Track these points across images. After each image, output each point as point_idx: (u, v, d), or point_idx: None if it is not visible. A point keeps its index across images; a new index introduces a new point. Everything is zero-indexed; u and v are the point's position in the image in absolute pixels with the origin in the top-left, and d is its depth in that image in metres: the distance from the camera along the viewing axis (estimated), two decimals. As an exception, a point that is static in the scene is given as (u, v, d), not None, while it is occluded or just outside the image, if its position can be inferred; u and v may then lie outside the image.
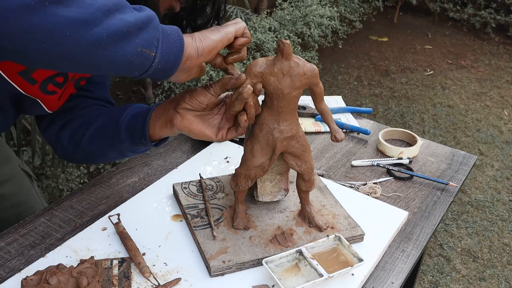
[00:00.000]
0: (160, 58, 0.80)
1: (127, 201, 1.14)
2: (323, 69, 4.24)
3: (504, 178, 3.06)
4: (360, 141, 1.48)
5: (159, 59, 0.80)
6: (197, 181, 1.19)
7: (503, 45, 4.99)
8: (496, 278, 2.36)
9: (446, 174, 1.36)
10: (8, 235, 1.05)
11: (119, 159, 1.16)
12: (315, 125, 1.52)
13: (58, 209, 1.13)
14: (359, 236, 1.07)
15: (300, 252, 0.99)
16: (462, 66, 4.54)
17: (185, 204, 1.11)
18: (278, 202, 1.13)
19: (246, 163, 1.00)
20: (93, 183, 1.22)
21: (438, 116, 3.70)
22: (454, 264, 2.42)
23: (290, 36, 3.62)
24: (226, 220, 1.07)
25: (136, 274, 0.95)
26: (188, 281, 0.95)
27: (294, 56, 0.93)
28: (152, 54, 0.79)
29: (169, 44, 0.81)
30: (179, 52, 0.82)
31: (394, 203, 1.22)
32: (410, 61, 4.57)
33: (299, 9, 3.96)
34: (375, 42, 4.90)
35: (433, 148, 1.47)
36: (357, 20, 4.57)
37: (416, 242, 1.11)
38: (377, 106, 3.80)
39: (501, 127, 3.60)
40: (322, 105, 0.99)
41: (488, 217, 2.74)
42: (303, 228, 1.07)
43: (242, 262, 0.98)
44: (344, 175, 1.32)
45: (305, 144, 1.00)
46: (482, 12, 5.08)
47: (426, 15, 5.54)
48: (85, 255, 0.98)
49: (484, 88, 4.17)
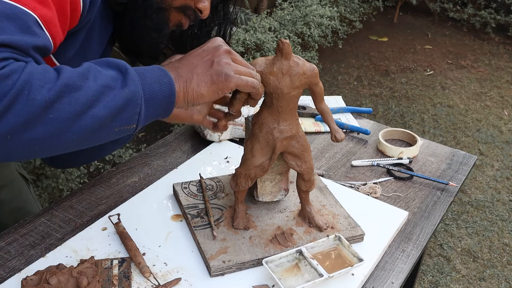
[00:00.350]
0: (145, 121, 0.81)
1: (127, 201, 1.14)
2: (323, 69, 4.24)
3: (504, 178, 3.06)
4: (360, 141, 1.48)
5: (143, 123, 0.80)
6: (197, 181, 1.19)
7: (503, 45, 4.99)
8: (496, 278, 2.36)
9: (446, 174, 1.36)
10: (8, 235, 1.05)
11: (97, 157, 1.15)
12: (315, 125, 1.52)
13: (58, 209, 1.13)
14: (359, 236, 1.07)
15: (300, 252, 0.99)
16: (462, 66, 4.54)
17: (185, 204, 1.11)
18: (278, 202, 1.13)
19: (246, 163, 1.00)
20: (93, 183, 1.22)
21: (438, 116, 3.70)
22: (454, 264, 2.42)
23: (290, 36, 3.62)
24: (226, 220, 1.07)
25: (136, 274, 0.95)
26: (188, 281, 0.95)
27: (294, 55, 0.93)
28: (132, 126, 0.79)
29: (154, 108, 0.80)
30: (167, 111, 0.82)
31: (394, 203, 1.22)
32: (410, 61, 4.57)
33: (299, 9, 3.96)
34: (375, 42, 4.90)
35: (433, 148, 1.47)
36: (357, 20, 4.57)
37: (416, 242, 1.11)
38: (377, 106, 3.80)
39: (501, 127, 3.60)
40: (322, 105, 0.99)
41: (488, 217, 2.74)
42: (303, 228, 1.07)
43: (242, 262, 0.98)
44: (344, 175, 1.32)
45: (305, 144, 1.00)
46: (482, 12, 5.08)
47: (426, 15, 5.54)
48: (85, 255, 0.98)
49: (484, 88, 4.17)
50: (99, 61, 0.79)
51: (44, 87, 0.69)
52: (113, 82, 0.75)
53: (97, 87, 0.73)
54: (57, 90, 0.70)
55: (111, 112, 0.75)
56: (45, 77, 0.70)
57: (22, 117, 0.68)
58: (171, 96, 0.81)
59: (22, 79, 0.68)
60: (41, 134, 0.71)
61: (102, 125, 0.75)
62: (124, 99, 0.76)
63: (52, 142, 0.73)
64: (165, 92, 0.80)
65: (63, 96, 0.71)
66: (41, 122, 0.70)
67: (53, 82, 0.70)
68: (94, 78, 0.74)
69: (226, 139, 1.40)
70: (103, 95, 0.74)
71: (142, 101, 0.78)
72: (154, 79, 0.80)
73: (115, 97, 0.75)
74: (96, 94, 0.73)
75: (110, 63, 0.79)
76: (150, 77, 0.79)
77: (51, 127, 0.71)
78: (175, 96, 0.81)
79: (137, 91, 0.77)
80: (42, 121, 0.70)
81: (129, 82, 0.76)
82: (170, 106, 0.82)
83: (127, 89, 0.76)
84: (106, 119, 0.74)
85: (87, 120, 0.73)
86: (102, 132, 0.76)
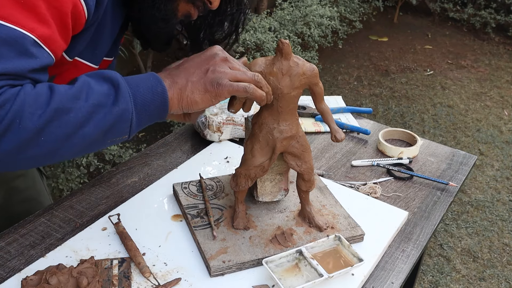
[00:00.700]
0: (137, 129, 0.85)
1: (127, 201, 1.14)
2: (323, 69, 4.24)
3: (504, 178, 3.06)
4: (360, 141, 1.48)
5: (135, 131, 0.85)
6: (197, 181, 1.19)
7: (503, 45, 4.99)
8: (496, 278, 2.36)
9: (446, 174, 1.36)
10: (8, 235, 1.05)
11: None
12: (315, 125, 1.52)
13: (58, 209, 1.13)
14: (359, 236, 1.07)
15: (300, 252, 0.99)
16: (462, 66, 4.54)
17: (185, 204, 1.11)
18: (278, 202, 1.13)
19: (246, 163, 1.00)
20: (93, 183, 1.22)
21: (438, 116, 3.70)
22: (454, 264, 2.42)
23: (290, 36, 3.62)
24: (226, 220, 1.07)
25: (136, 274, 0.95)
26: (188, 281, 0.95)
27: (294, 55, 0.93)
28: (125, 137, 0.83)
29: (147, 117, 0.84)
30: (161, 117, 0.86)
31: (394, 203, 1.22)
32: (410, 61, 4.57)
33: (299, 9, 3.96)
34: (375, 42, 4.90)
35: (433, 148, 1.47)
36: (357, 20, 4.57)
37: (416, 242, 1.11)
38: (377, 106, 3.80)
39: (501, 127, 3.60)
40: (322, 105, 0.99)
41: (488, 217, 2.74)
42: (303, 228, 1.07)
43: (242, 262, 0.98)
44: (344, 175, 1.32)
45: (305, 144, 1.00)
46: (482, 12, 5.08)
47: (426, 15, 5.54)
48: (85, 255, 0.98)
49: (484, 88, 4.17)
50: (94, 73, 0.83)
51: (35, 114, 0.74)
52: (105, 98, 0.79)
53: (87, 107, 0.78)
54: (48, 115, 0.75)
55: (102, 129, 0.80)
56: (37, 102, 0.75)
57: (15, 142, 0.74)
58: (164, 104, 0.85)
59: (14, 109, 0.73)
60: (35, 153, 0.77)
61: (94, 141, 0.81)
62: (115, 117, 0.80)
63: (46, 158, 0.80)
64: (158, 102, 0.84)
65: (54, 120, 0.76)
66: (34, 145, 0.76)
67: (44, 107, 0.75)
68: (85, 97, 0.78)
69: (226, 139, 1.40)
70: (93, 114, 0.78)
71: (133, 115, 0.82)
72: (147, 89, 0.83)
73: (106, 116, 0.79)
74: (87, 114, 0.78)
75: (105, 76, 0.82)
76: (143, 88, 0.83)
77: (43, 148, 0.77)
78: (167, 104, 0.85)
79: (127, 108, 0.81)
80: (34, 144, 0.76)
81: (120, 99, 0.80)
82: (163, 113, 0.86)
83: (117, 106, 0.80)
84: (97, 136, 0.80)
85: (78, 139, 0.78)
86: (94, 146, 0.82)
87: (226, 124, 1.38)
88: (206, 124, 1.38)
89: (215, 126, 1.37)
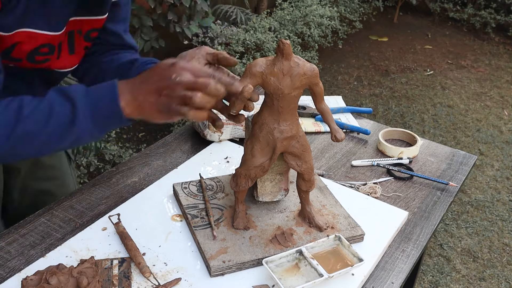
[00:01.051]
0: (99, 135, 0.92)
1: (127, 201, 1.14)
2: (323, 69, 4.24)
3: (504, 178, 3.06)
4: (360, 141, 1.48)
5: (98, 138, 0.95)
6: (197, 181, 1.19)
7: (503, 45, 4.99)
8: (496, 278, 2.36)
9: (446, 174, 1.36)
10: (8, 235, 1.05)
11: None
12: (315, 125, 1.52)
13: (58, 209, 1.13)
14: (359, 236, 1.07)
15: (300, 252, 0.99)
16: (462, 66, 4.54)
17: (185, 204, 1.11)
18: (278, 202, 1.13)
19: (246, 163, 1.00)
20: (93, 183, 1.22)
21: (438, 116, 3.70)
22: (454, 264, 2.42)
23: (290, 36, 3.62)
24: (226, 220, 1.07)
25: (136, 274, 0.95)
26: (188, 281, 0.95)
27: (294, 56, 0.93)
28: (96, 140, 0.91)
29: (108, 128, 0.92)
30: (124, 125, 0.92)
31: (394, 203, 1.22)
32: (410, 61, 4.57)
33: (299, 9, 3.96)
34: (375, 42, 4.90)
35: (433, 148, 1.47)
36: (357, 20, 4.57)
37: (416, 242, 1.11)
38: (377, 106, 3.80)
39: (501, 127, 3.60)
40: (322, 105, 0.99)
41: (488, 217, 2.74)
42: (303, 228, 1.07)
43: (242, 262, 0.98)
44: (344, 175, 1.32)
45: (305, 144, 1.00)
46: (482, 12, 5.08)
47: (426, 15, 5.54)
48: (85, 255, 0.98)
49: (484, 88, 4.17)
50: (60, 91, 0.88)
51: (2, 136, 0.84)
52: (65, 119, 0.86)
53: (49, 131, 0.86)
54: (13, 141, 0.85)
55: (67, 145, 0.91)
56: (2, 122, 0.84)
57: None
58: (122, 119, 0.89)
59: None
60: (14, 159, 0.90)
61: (64, 148, 0.92)
62: (76, 136, 0.90)
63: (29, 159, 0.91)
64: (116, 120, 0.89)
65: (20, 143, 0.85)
66: (9, 158, 0.91)
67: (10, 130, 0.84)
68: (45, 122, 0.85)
69: (226, 139, 1.40)
70: (54, 137, 0.87)
71: (94, 130, 0.89)
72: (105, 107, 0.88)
73: (67, 137, 0.88)
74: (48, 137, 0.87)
75: (69, 95, 0.87)
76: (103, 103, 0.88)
77: (19, 158, 0.93)
78: (126, 120, 0.89)
79: (86, 128, 0.87)
80: (9, 157, 0.91)
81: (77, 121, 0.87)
82: (125, 123, 0.91)
83: (76, 127, 0.87)
84: (65, 147, 0.91)
85: (49, 151, 0.91)
86: (69, 148, 0.95)
87: (226, 124, 1.38)
88: (206, 124, 1.38)
89: (215, 126, 1.37)
